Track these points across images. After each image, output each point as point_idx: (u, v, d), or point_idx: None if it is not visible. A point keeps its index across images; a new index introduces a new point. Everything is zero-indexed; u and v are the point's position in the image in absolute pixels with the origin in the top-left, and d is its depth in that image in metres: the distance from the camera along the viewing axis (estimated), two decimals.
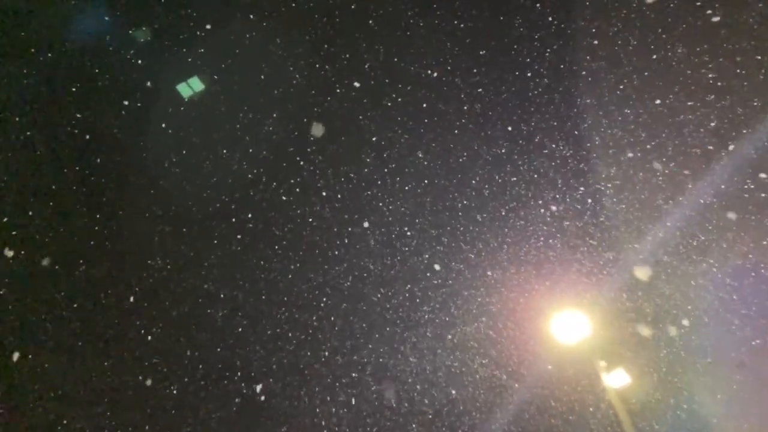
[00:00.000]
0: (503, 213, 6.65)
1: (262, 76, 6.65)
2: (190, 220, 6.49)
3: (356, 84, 6.63)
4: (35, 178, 6.31)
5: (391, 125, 6.69)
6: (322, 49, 6.61)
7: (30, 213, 6.37)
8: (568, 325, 6.88)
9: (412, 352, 6.65)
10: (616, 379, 6.86)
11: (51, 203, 6.37)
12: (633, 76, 5.98)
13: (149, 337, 6.29)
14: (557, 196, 6.45)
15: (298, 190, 6.64)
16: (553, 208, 6.53)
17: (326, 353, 6.55)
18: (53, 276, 6.35)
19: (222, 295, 6.43)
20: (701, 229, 6.18)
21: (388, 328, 6.61)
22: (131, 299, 6.33)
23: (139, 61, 6.10)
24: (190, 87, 6.35)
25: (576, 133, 6.36)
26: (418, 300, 6.72)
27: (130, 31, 5.96)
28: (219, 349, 6.39)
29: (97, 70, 6.06)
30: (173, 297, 6.36)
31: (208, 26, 6.27)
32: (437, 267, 6.71)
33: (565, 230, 6.63)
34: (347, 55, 6.59)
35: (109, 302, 6.30)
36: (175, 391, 6.26)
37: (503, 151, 6.58)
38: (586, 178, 6.43)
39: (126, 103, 6.25)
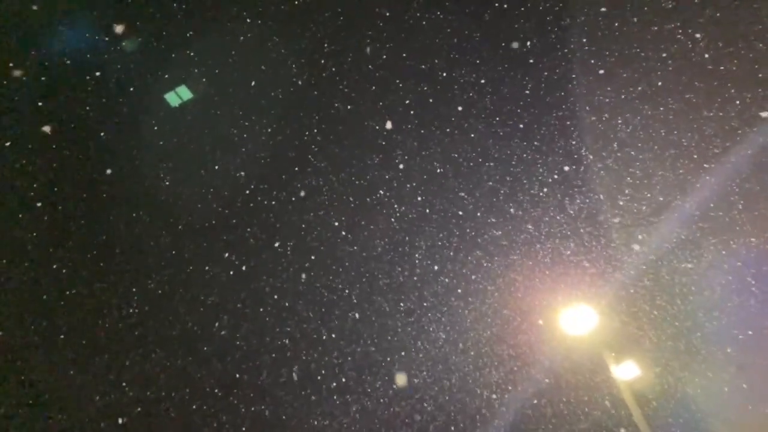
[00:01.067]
0: (516, 215, 6.41)
1: (259, 79, 6.32)
2: (189, 233, 6.20)
3: (360, 84, 6.31)
4: (26, 193, 5.98)
5: (398, 126, 6.40)
6: (323, 48, 6.27)
7: (21, 229, 6.07)
8: (582, 326, 6.72)
9: (425, 359, 6.45)
10: (632, 379, 6.75)
11: (44, 219, 6.06)
12: (652, 73, 5.71)
13: (151, 355, 6.04)
14: (575, 197, 6.21)
15: (300, 197, 6.36)
16: (569, 208, 6.30)
17: (336, 364, 6.33)
18: (49, 293, 6.06)
19: (225, 309, 6.17)
20: (723, 229, 5.98)
21: (399, 337, 6.40)
22: (131, 316, 6.06)
23: (126, 71, 5.75)
24: (179, 96, 6.02)
25: (593, 132, 6.09)
26: (429, 306, 6.50)
27: (117, 40, 5.61)
28: (224, 365, 6.15)
29: (83, 80, 5.71)
30: (174, 313, 6.09)
31: (198, 32, 5.91)
32: (448, 271, 6.48)
33: (581, 231, 6.40)
34: (351, 54, 6.26)
35: (107, 320, 6.03)
36: (173, 413, 6.01)
37: (516, 150, 6.32)
38: (603, 178, 6.19)
39: (114, 113, 5.91)
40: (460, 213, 6.48)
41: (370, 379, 6.38)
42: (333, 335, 6.36)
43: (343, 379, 6.28)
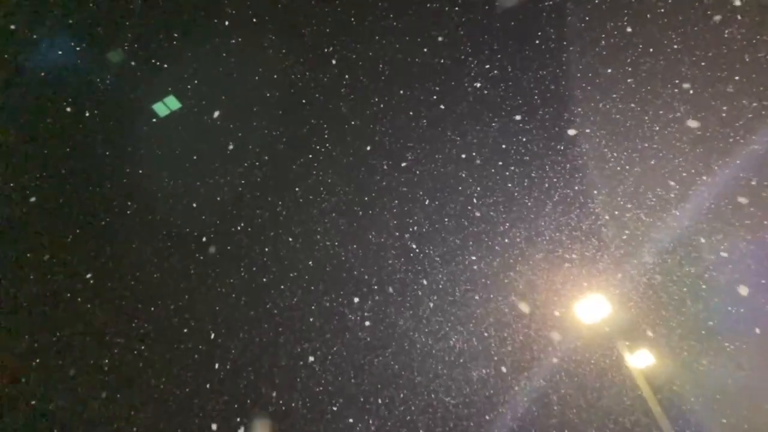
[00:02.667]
0: (536, 215, 6.07)
1: (255, 82, 5.84)
2: (189, 253, 5.85)
3: (366, 84, 5.85)
4: (25, 213, 5.60)
5: (407, 128, 5.97)
6: (326, 46, 5.77)
7: (24, 253, 5.71)
8: (599, 320, 6.56)
9: (443, 371, 6.23)
10: (648, 368, 6.65)
11: (44, 243, 5.69)
12: (681, 65, 5.27)
13: (157, 386, 5.77)
14: (598, 195, 5.87)
15: (304, 209, 5.98)
16: (591, 205, 5.96)
17: (353, 380, 6.10)
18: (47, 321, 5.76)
19: (233, 333, 5.88)
20: (749, 224, 5.68)
21: (415, 351, 6.15)
22: (137, 344, 5.77)
23: (115, 83, 5.28)
24: (167, 106, 5.57)
25: (617, 127, 5.70)
26: (444, 316, 6.23)
27: (104, 53, 5.14)
28: (234, 391, 5.90)
29: (69, 95, 5.25)
30: (179, 340, 5.80)
31: (185, 34, 5.40)
32: (463, 279, 6.19)
33: (602, 231, 6.09)
34: (355, 52, 5.77)
35: (112, 351, 5.74)
36: None
37: (534, 150, 5.92)
38: (625, 174, 5.83)
39: (104, 127, 5.47)
40: (477, 214, 6.14)
41: (389, 393, 6.17)
42: (347, 351, 6.10)
43: (361, 398, 6.07)
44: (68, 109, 5.26)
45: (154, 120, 5.62)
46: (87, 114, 5.33)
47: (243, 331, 5.96)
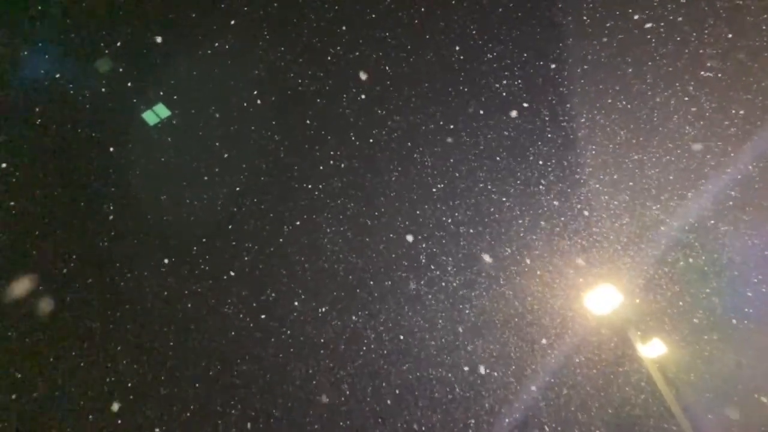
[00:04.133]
0: (553, 209, 5.82)
1: (251, 84, 5.37)
2: (191, 271, 5.42)
3: (371, 83, 5.43)
4: (13, 232, 5.10)
5: (414, 129, 5.61)
6: (327, 44, 5.32)
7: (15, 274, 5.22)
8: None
9: (463, 384, 5.99)
10: (661, 357, 6.59)
11: (36, 264, 5.20)
12: (699, 58, 5.02)
13: (161, 412, 5.38)
14: (619, 196, 5.64)
15: (308, 220, 5.60)
16: (612, 206, 5.73)
17: (369, 398, 5.81)
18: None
19: (240, 355, 5.51)
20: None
21: (433, 364, 5.89)
22: (136, 370, 5.36)
23: (102, 92, 4.76)
24: (156, 114, 5.11)
25: (634, 121, 5.44)
26: (461, 326, 5.97)
27: (90, 62, 4.62)
28: (247, 412, 5.55)
29: (54, 107, 4.72)
30: (182, 365, 5.41)
31: (175, 42, 4.90)
32: (480, 287, 5.92)
33: (622, 230, 5.89)
34: (357, 50, 5.34)
35: (113, 378, 5.32)
36: None
37: (551, 150, 5.64)
38: (640, 168, 5.61)
39: (94, 139, 4.96)
40: (493, 219, 5.84)
41: (408, 408, 5.91)
42: (361, 367, 5.80)
43: (378, 413, 5.79)
44: (54, 123, 4.74)
45: (144, 129, 5.12)
46: (72, 127, 4.81)
47: (250, 352, 5.59)
